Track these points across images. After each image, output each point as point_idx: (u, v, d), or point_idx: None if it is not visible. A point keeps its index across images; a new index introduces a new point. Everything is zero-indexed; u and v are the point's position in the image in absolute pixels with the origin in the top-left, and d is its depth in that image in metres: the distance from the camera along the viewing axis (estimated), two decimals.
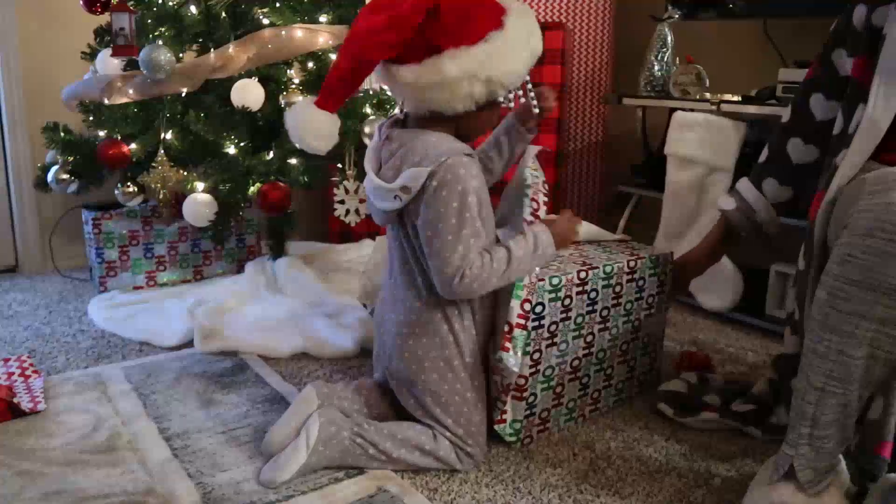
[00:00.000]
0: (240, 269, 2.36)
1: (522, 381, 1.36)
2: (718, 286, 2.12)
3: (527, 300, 1.27)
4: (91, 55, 2.15)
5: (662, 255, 1.60)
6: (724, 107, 2.11)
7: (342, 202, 2.00)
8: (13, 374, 1.62)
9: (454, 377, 1.29)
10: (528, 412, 1.39)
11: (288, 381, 1.66)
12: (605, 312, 1.48)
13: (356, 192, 1.98)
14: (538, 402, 1.41)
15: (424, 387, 1.29)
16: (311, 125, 1.20)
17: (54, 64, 2.39)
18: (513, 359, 1.27)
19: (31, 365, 1.67)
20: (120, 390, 1.59)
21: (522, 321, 1.27)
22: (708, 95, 2.22)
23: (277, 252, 2.31)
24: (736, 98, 2.17)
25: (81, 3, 2.04)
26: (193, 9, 2.00)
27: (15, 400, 1.47)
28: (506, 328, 1.27)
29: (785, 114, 1.56)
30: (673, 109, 2.24)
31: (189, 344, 1.85)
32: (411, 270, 1.29)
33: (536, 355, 1.37)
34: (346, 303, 2.02)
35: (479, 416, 1.32)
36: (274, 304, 2.06)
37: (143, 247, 2.26)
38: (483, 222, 1.21)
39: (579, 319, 1.43)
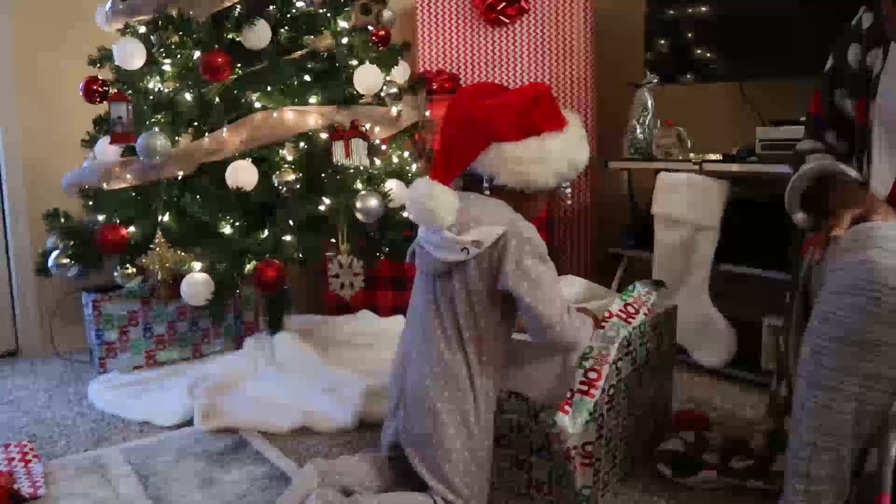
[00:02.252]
0: (238, 346, 2.38)
1: (590, 448, 1.37)
2: (711, 342, 2.14)
3: (594, 370, 1.32)
4: (90, 143, 2.21)
5: (670, 308, 1.63)
6: (707, 166, 2.16)
7: (337, 276, 2.03)
8: (13, 459, 1.62)
9: (468, 434, 1.31)
10: (595, 479, 1.39)
11: (288, 457, 1.66)
12: (641, 371, 1.53)
13: (350, 266, 2.02)
14: (602, 467, 1.41)
15: (438, 441, 1.30)
16: (443, 203, 1.28)
17: (55, 152, 2.46)
18: (569, 421, 1.29)
19: (32, 450, 1.68)
20: (120, 473, 1.60)
21: (585, 388, 1.31)
22: (691, 156, 2.28)
23: (275, 327, 2.33)
24: (717, 157, 2.23)
25: (81, 93, 2.12)
26: (188, 96, 2.07)
27: (15, 486, 1.47)
28: (568, 393, 1.31)
29: (803, 144, 1.51)
30: (657, 171, 2.30)
31: (189, 422, 1.86)
32: (444, 319, 1.34)
33: (599, 419, 1.38)
34: (344, 376, 2.03)
35: (485, 478, 1.34)
36: (273, 380, 2.07)
37: (142, 327, 2.28)
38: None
39: (626, 381, 1.47)
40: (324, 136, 2.10)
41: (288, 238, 2.02)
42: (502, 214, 1.33)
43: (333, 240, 2.09)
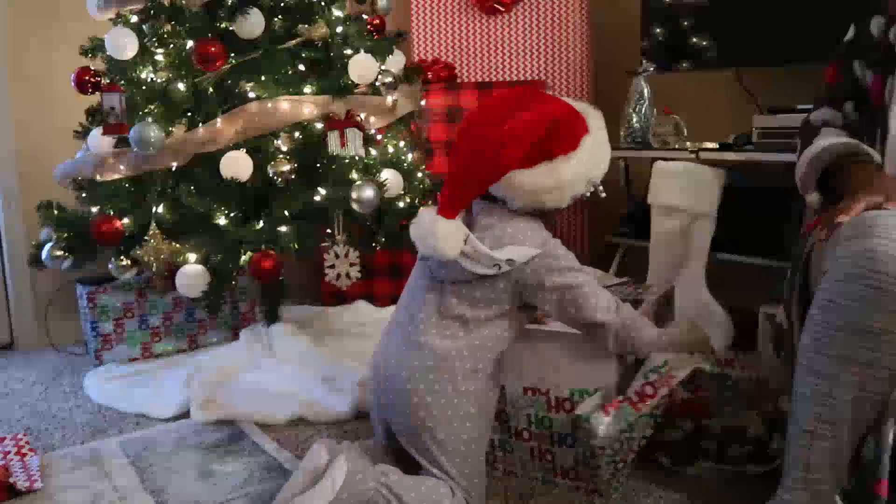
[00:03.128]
0: (235, 337, 2.37)
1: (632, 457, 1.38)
2: (709, 331, 2.14)
3: (653, 385, 1.32)
4: (83, 134, 2.19)
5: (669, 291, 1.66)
6: (703, 154, 2.16)
7: (333, 267, 2.02)
8: (9, 452, 1.61)
9: (461, 422, 1.30)
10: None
11: (285, 448, 1.66)
12: None
13: (346, 256, 2.01)
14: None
15: (431, 434, 1.30)
16: (447, 237, 1.28)
17: (48, 143, 2.44)
18: (605, 425, 1.28)
19: (28, 443, 1.67)
20: (117, 465, 1.59)
21: (636, 399, 1.31)
22: (687, 144, 2.28)
23: (271, 318, 2.32)
24: (714, 145, 2.22)
25: (73, 83, 2.10)
26: (181, 86, 2.05)
27: (11, 480, 1.46)
28: (620, 397, 1.31)
29: (816, 114, 1.48)
30: (654, 159, 2.29)
31: (186, 414, 1.85)
32: (443, 312, 1.34)
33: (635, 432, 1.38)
34: (341, 366, 2.03)
35: (482, 466, 1.35)
36: (269, 371, 2.07)
37: (137, 318, 2.27)
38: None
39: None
40: (319, 125, 2.09)
41: (283, 228, 2.02)
42: (537, 235, 1.33)
43: (329, 230, 2.08)
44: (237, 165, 1.97)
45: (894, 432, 1.21)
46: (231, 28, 2.01)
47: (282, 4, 2.15)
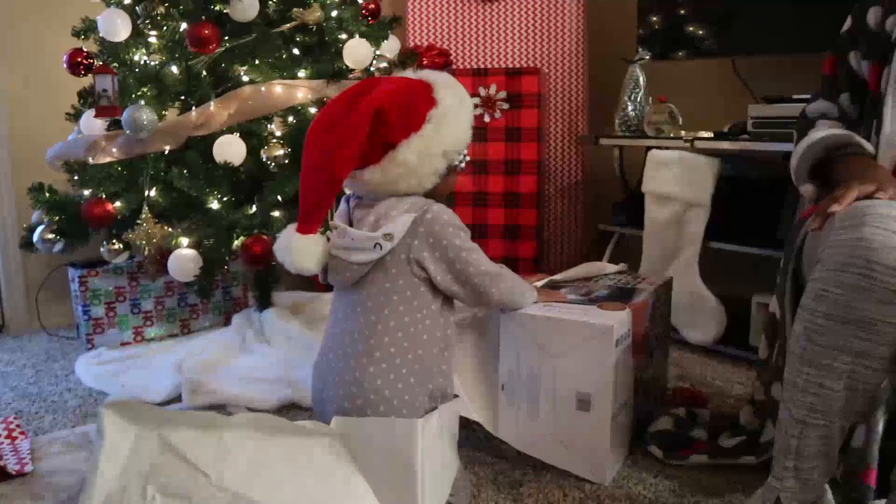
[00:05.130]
0: (227, 322, 2.37)
1: None
2: (701, 320, 2.15)
3: None
4: (75, 116, 2.17)
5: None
6: (698, 143, 2.16)
7: None
8: None
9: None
10: None
11: None
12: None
13: None
14: None
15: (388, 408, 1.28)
16: (303, 252, 1.28)
17: (40, 125, 2.42)
18: None
19: (18, 426, 1.66)
20: None
21: None
22: (682, 133, 2.27)
23: (264, 303, 2.32)
24: (709, 135, 2.22)
25: (65, 65, 2.08)
26: (174, 69, 2.04)
27: (1, 463, 1.46)
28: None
29: (813, 106, 1.48)
30: (648, 148, 2.29)
31: (177, 398, 1.85)
32: (360, 327, 1.31)
33: None
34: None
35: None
36: (261, 356, 2.06)
37: (129, 303, 2.26)
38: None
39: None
40: (313, 110, 2.08)
41: (276, 213, 2.01)
42: (411, 204, 1.30)
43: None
44: (230, 150, 1.96)
45: (884, 422, 1.22)
46: (225, 11, 1.99)
47: None
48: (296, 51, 2.15)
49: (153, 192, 2.01)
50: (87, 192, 2.08)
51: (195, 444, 1.11)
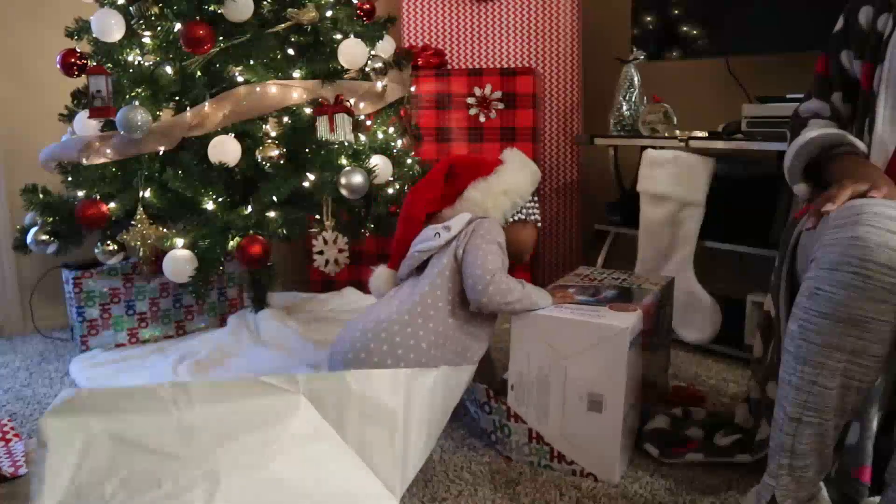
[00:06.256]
0: (222, 323, 2.36)
1: None
2: (696, 319, 2.15)
3: None
4: (69, 117, 2.17)
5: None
6: (693, 143, 2.16)
7: (321, 253, 2.01)
8: None
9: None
10: None
11: None
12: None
13: (335, 242, 2.00)
14: None
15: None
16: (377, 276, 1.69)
17: (32, 126, 2.41)
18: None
19: (12, 429, 1.66)
20: None
21: None
22: (676, 133, 2.28)
23: (259, 304, 2.31)
24: (703, 134, 2.22)
25: (59, 66, 2.07)
26: (169, 69, 2.03)
27: None
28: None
29: (805, 105, 1.49)
30: (643, 147, 2.29)
31: None
32: (404, 302, 1.51)
33: None
34: (328, 352, 2.02)
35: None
36: (256, 357, 2.06)
37: (124, 304, 2.26)
38: (504, 263, 1.53)
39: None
40: (308, 110, 2.08)
41: (272, 214, 2.01)
42: (476, 214, 1.58)
43: (318, 216, 2.07)
44: (225, 150, 1.96)
45: (878, 419, 1.23)
46: (219, 11, 1.99)
47: None
48: (290, 51, 2.15)
49: (148, 193, 2.01)
50: (81, 193, 2.07)
51: (153, 430, 1.09)
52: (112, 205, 2.01)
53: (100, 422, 1.08)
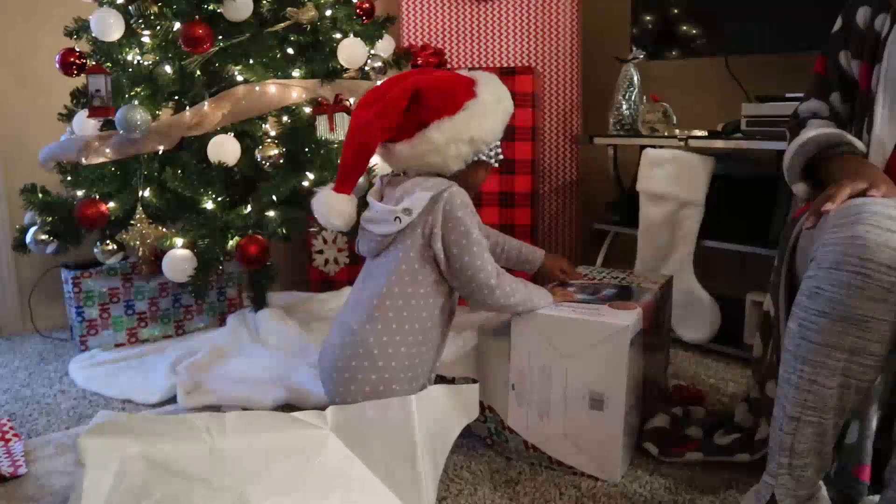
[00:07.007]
0: (221, 323, 2.36)
1: None
2: (696, 318, 2.15)
3: None
4: (68, 116, 2.17)
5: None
6: (692, 142, 2.16)
7: (321, 252, 2.01)
8: None
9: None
10: None
11: None
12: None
13: (334, 241, 2.00)
14: None
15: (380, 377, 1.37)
16: (334, 208, 1.41)
17: (31, 126, 2.41)
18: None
19: (12, 429, 1.66)
20: None
21: None
22: (676, 132, 2.28)
23: (258, 304, 2.31)
24: (703, 133, 2.22)
25: (58, 65, 2.07)
26: (168, 68, 2.03)
27: None
28: None
29: (804, 106, 1.49)
30: (643, 147, 2.29)
31: (172, 400, 1.84)
32: (365, 294, 1.41)
33: None
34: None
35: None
36: (256, 356, 2.06)
37: (123, 304, 2.25)
38: (481, 227, 1.44)
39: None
40: (307, 110, 2.08)
41: (271, 214, 2.01)
42: (434, 184, 1.38)
43: None
44: (224, 149, 1.96)
45: (878, 418, 1.23)
46: (219, 10, 1.99)
47: None
48: (290, 50, 2.15)
49: (147, 193, 2.01)
50: (80, 193, 2.07)
51: (186, 456, 1.12)
52: (111, 204, 2.01)
53: (135, 444, 1.11)
